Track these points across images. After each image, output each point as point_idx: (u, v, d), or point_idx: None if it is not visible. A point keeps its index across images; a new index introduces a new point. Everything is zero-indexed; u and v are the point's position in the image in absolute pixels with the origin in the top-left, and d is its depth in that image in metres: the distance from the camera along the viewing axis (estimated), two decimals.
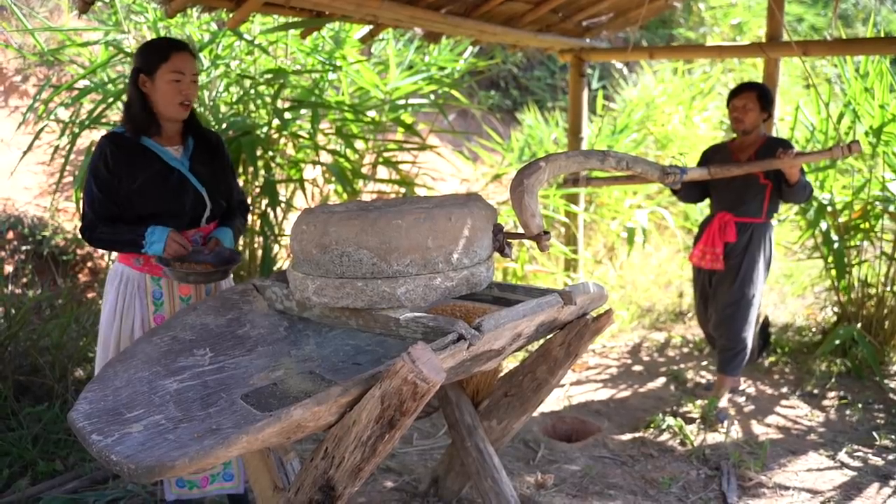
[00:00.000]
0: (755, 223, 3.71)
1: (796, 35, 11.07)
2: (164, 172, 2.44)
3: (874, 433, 3.56)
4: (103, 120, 4.11)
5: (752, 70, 8.62)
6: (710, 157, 3.81)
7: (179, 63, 2.42)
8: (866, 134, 4.35)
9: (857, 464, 3.29)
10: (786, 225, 5.86)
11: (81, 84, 4.34)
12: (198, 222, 2.53)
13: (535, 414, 3.74)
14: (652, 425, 3.64)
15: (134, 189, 2.38)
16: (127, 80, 2.51)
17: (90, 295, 4.57)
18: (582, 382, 4.29)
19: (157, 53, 2.41)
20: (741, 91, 3.69)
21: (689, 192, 3.90)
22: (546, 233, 2.06)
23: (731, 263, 3.73)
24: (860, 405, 3.89)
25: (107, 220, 2.39)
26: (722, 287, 3.79)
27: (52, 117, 4.43)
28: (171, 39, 2.51)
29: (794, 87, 9.15)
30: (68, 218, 5.03)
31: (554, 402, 3.97)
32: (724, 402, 3.86)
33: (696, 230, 5.69)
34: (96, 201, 2.38)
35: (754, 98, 3.63)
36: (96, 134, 5.26)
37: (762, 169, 3.51)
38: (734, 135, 3.81)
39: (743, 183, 3.66)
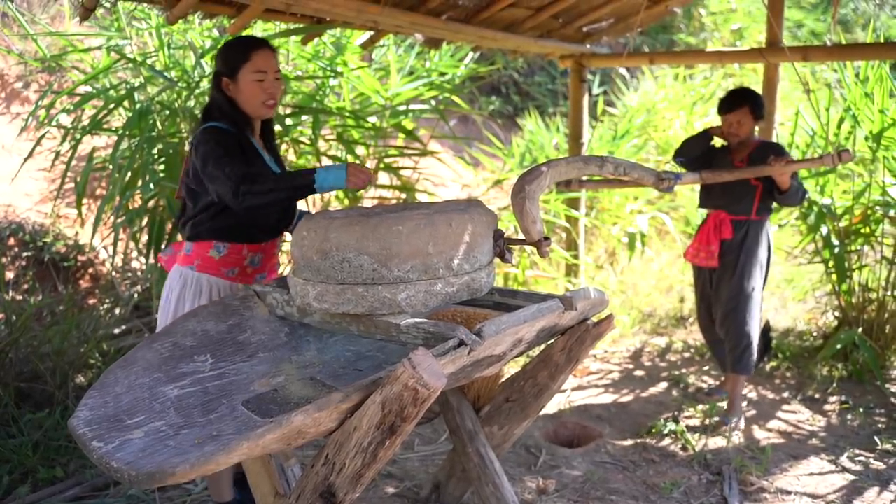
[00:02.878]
0: (750, 220, 3.71)
1: (796, 40, 11.09)
2: (267, 171, 2.44)
3: (875, 437, 3.55)
4: (105, 126, 4.12)
5: (753, 75, 8.62)
6: (713, 155, 3.84)
7: (261, 62, 2.40)
8: (866, 139, 4.35)
9: (858, 468, 3.29)
10: (787, 229, 5.86)
11: (83, 90, 4.35)
12: (287, 224, 2.59)
13: (536, 419, 3.73)
14: (653, 430, 3.63)
15: None
16: (211, 85, 2.47)
17: (91, 301, 4.58)
18: (583, 387, 4.28)
19: (239, 54, 2.40)
20: (733, 107, 3.67)
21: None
22: (546, 238, 2.06)
23: (728, 259, 3.73)
24: (861, 409, 3.88)
25: (250, 176, 2.22)
26: (722, 283, 3.77)
27: (53, 123, 4.44)
28: (250, 38, 2.49)
29: (794, 91, 9.15)
30: (69, 224, 5.04)
31: (555, 407, 3.96)
32: (737, 403, 3.81)
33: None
34: (237, 160, 2.25)
35: (747, 112, 3.64)
36: (98, 140, 5.28)
37: (754, 175, 3.53)
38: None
39: (733, 183, 3.68)
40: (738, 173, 3.54)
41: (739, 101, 3.66)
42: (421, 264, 1.89)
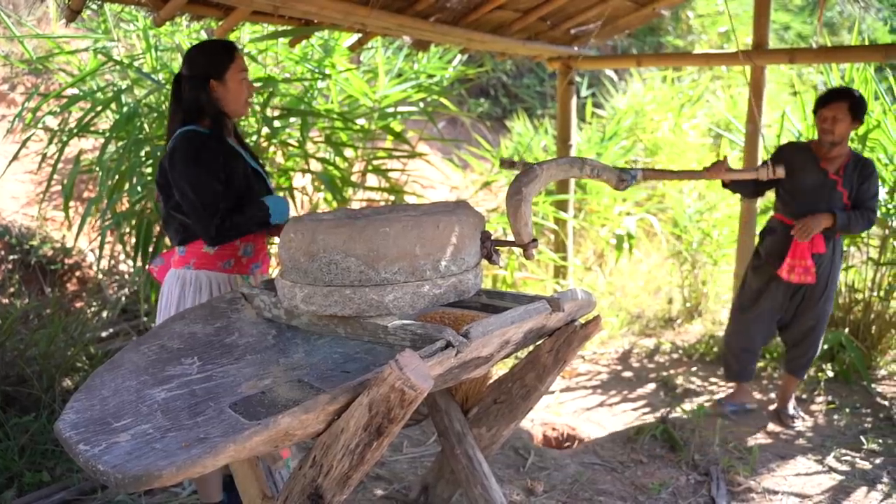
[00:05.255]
0: (833, 235, 3.55)
1: (783, 43, 11.17)
2: (248, 170, 2.51)
3: (862, 437, 3.58)
4: (92, 128, 4.10)
5: (741, 78, 8.68)
6: (790, 157, 3.53)
7: (242, 62, 2.51)
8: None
9: (845, 468, 3.31)
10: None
11: (70, 92, 4.33)
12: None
13: (525, 421, 3.74)
14: (642, 431, 3.64)
15: (229, 185, 2.42)
16: (188, 88, 2.48)
17: (78, 304, 4.55)
18: (572, 389, 4.29)
19: (225, 55, 2.47)
20: (830, 100, 3.44)
21: (737, 185, 3.69)
22: (534, 241, 2.07)
23: (819, 274, 3.55)
24: (848, 410, 3.91)
25: (230, 210, 2.40)
26: (811, 300, 3.62)
27: (39, 126, 4.41)
28: (224, 41, 2.56)
29: (781, 93, 9.22)
30: (56, 227, 5.01)
31: (544, 408, 3.97)
32: (792, 404, 3.87)
33: (686, 236, 5.74)
34: (217, 194, 2.37)
35: (845, 109, 3.40)
36: (84, 142, 5.25)
37: (690, 178, 3.48)
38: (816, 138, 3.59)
39: (822, 190, 3.48)
40: (676, 175, 3.46)
41: (837, 96, 3.44)
42: (408, 266, 1.89)
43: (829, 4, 11.32)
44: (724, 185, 3.70)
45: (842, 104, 3.39)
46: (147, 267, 3.30)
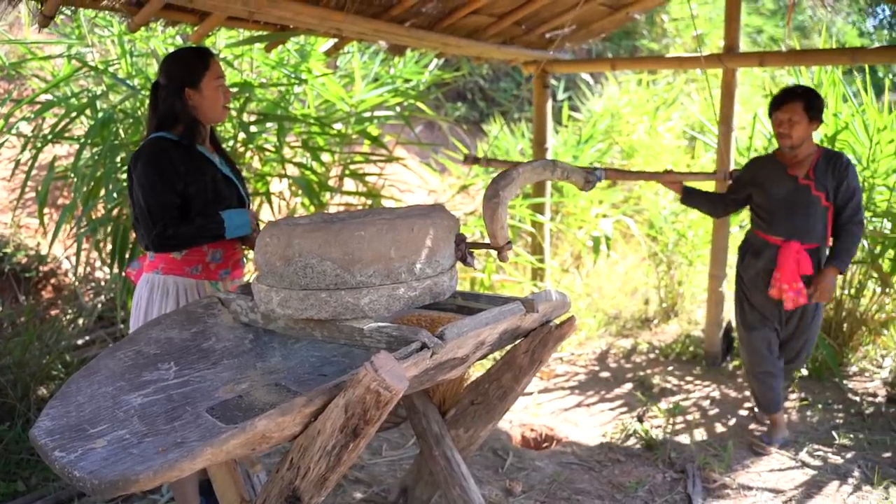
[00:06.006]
0: (819, 247, 3.36)
1: (756, 46, 11.32)
2: (218, 177, 2.52)
3: (834, 432, 3.64)
4: (66, 134, 4.07)
5: (714, 80, 8.79)
6: (755, 172, 3.46)
7: (218, 68, 2.51)
8: (821, 142, 4.46)
9: (817, 463, 3.37)
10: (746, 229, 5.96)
11: (44, 98, 4.30)
12: None
13: (503, 422, 3.76)
14: (619, 431, 3.68)
15: (194, 193, 2.43)
16: (163, 96, 2.49)
17: (54, 312, 4.51)
18: (550, 390, 4.32)
19: (199, 63, 2.47)
20: (784, 102, 3.24)
21: (699, 202, 3.62)
22: (509, 243, 2.10)
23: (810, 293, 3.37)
24: (820, 406, 3.97)
25: (177, 221, 2.40)
26: (805, 318, 3.48)
27: (13, 132, 4.37)
28: (200, 48, 2.56)
29: (755, 95, 9.34)
30: (30, 234, 4.97)
31: (522, 410, 4.00)
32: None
33: (661, 237, 5.80)
34: (168, 204, 2.38)
35: (800, 110, 3.19)
36: (59, 149, 5.21)
37: (647, 180, 3.47)
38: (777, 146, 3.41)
39: (797, 199, 3.30)
40: (635, 176, 3.44)
41: (791, 97, 3.23)
42: (383, 269, 1.91)
43: (800, 9, 11.50)
44: (682, 200, 3.60)
45: (796, 105, 3.20)
46: (125, 271, 3.30)
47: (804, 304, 3.37)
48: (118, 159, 3.90)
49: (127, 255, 3.89)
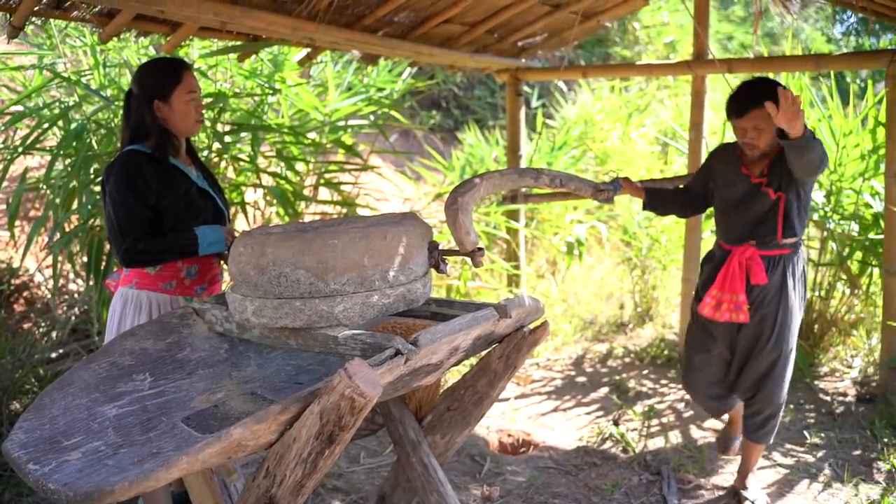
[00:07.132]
0: (784, 255, 2.85)
1: (726, 52, 11.49)
2: (193, 190, 2.50)
3: (805, 432, 3.70)
4: (38, 145, 4.05)
5: (687, 86, 8.90)
6: (717, 167, 3.01)
7: (191, 82, 2.49)
8: None
9: (789, 462, 3.43)
10: None
11: (14, 109, 4.26)
12: None
13: (481, 428, 3.79)
14: (595, 434, 3.72)
15: (167, 206, 2.41)
16: (133, 107, 2.48)
17: (26, 325, 4.47)
18: (527, 395, 4.35)
19: (170, 76, 2.45)
20: (746, 110, 2.71)
21: (660, 203, 3.13)
22: (480, 249, 2.12)
23: (764, 312, 2.86)
24: (792, 406, 4.04)
25: (148, 236, 2.38)
26: (758, 343, 2.90)
27: None
28: (174, 59, 2.54)
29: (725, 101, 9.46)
30: (1, 247, 4.91)
31: (499, 415, 4.02)
32: (753, 484, 3.13)
33: (635, 242, 5.86)
34: (139, 218, 2.36)
35: (767, 117, 2.62)
36: (30, 161, 5.16)
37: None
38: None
39: (747, 198, 2.85)
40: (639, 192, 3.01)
41: (754, 103, 2.67)
42: (357, 277, 1.93)
43: (769, 16, 11.70)
44: (645, 206, 3.14)
45: (761, 111, 2.61)
46: (104, 281, 3.28)
47: (747, 323, 2.87)
48: (91, 170, 3.88)
49: (103, 267, 3.87)
